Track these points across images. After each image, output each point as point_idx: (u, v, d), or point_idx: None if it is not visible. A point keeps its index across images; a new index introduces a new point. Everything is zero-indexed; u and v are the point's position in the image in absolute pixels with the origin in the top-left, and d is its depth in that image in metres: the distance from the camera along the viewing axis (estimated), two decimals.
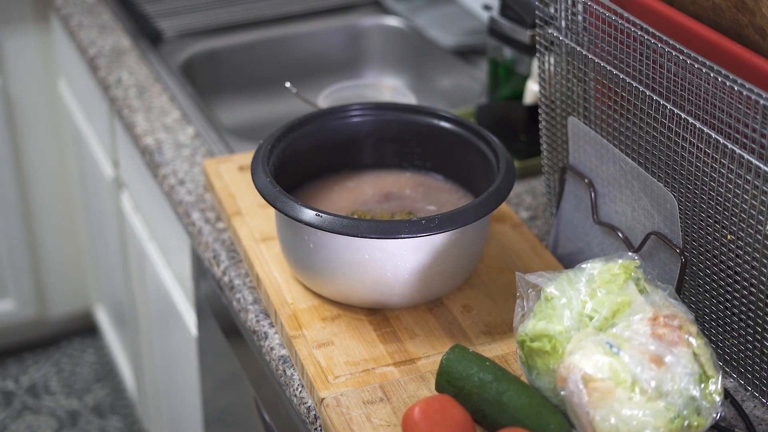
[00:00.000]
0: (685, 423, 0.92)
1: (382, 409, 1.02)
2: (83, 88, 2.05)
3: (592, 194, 1.18)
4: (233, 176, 1.36)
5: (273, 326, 1.17)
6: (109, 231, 2.11)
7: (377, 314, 1.14)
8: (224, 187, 1.34)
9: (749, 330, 1.04)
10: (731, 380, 1.09)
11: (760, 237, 0.98)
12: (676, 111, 1.03)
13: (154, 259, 1.78)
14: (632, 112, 1.09)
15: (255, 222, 1.27)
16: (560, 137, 1.24)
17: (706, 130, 1.00)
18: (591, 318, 0.96)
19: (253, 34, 1.91)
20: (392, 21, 1.93)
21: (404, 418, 0.96)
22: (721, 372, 0.95)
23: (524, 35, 1.43)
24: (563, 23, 1.16)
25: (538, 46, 1.21)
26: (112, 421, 2.44)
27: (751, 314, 1.03)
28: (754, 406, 1.06)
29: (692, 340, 0.94)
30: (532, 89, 1.40)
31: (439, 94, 1.83)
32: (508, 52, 1.47)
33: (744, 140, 0.96)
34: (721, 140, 0.98)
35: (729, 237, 1.02)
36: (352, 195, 1.25)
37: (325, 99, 1.43)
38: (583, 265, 1.00)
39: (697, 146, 1.01)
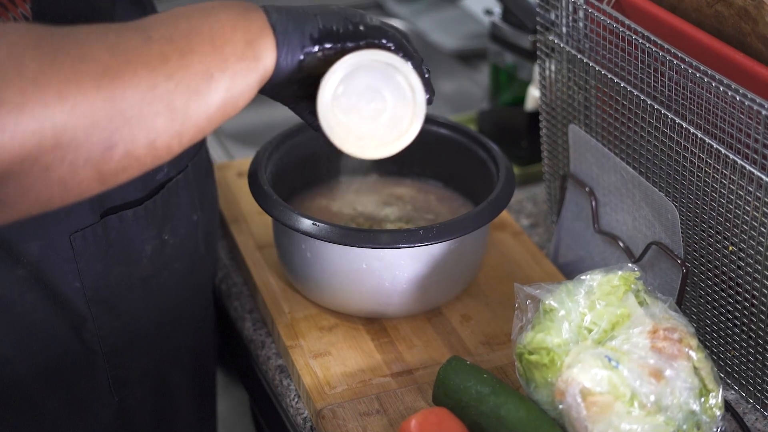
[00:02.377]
0: None
1: (379, 421, 1.01)
2: None
3: (593, 203, 1.16)
4: (232, 182, 1.35)
5: (270, 335, 1.16)
6: None
7: (375, 324, 1.13)
8: (223, 194, 1.33)
9: (751, 342, 1.03)
10: (732, 393, 1.07)
11: (761, 249, 0.97)
12: (677, 120, 1.02)
13: None
14: (633, 121, 1.08)
15: (253, 229, 1.27)
16: (561, 145, 1.22)
17: (707, 139, 0.98)
18: (590, 331, 0.95)
19: None
20: (394, 24, 1.92)
21: (401, 431, 0.95)
22: (721, 386, 0.94)
23: (526, 41, 1.41)
24: (564, 30, 1.15)
25: (538, 53, 1.20)
26: None
27: (752, 326, 1.02)
28: (756, 419, 1.05)
29: (692, 353, 0.93)
30: (533, 95, 1.39)
31: (441, 99, 1.82)
32: (509, 58, 1.45)
33: (746, 150, 0.95)
34: (723, 150, 0.97)
35: (731, 248, 1.01)
36: (352, 203, 1.24)
37: None
38: (583, 277, 0.98)
39: (699, 156, 1.00)
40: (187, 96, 0.78)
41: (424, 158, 1.26)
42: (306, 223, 1.05)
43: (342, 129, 0.90)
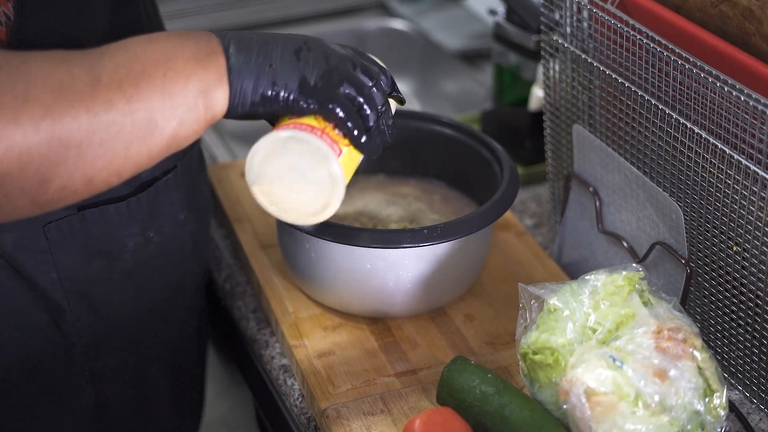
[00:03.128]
0: None
1: (383, 420, 1.01)
2: None
3: (597, 203, 1.16)
4: (236, 182, 1.35)
5: (274, 335, 1.16)
6: None
7: (379, 323, 1.13)
8: (227, 193, 1.33)
9: (755, 342, 1.03)
10: (737, 393, 1.07)
11: (766, 249, 0.96)
12: (681, 120, 1.02)
13: None
14: (637, 121, 1.08)
15: (257, 228, 1.27)
16: (565, 145, 1.22)
17: (712, 139, 0.98)
18: (594, 330, 0.95)
19: None
20: (397, 24, 1.92)
21: (405, 431, 0.95)
22: (725, 386, 0.94)
23: (529, 41, 1.41)
24: (568, 30, 1.15)
25: (542, 53, 1.20)
26: None
27: (756, 326, 1.02)
28: (760, 419, 1.05)
29: (697, 353, 0.93)
30: (537, 95, 1.39)
31: (445, 99, 1.82)
32: (513, 58, 1.45)
33: (750, 150, 0.95)
34: (727, 150, 0.97)
35: (735, 248, 1.01)
36: (356, 202, 1.24)
37: None
38: (587, 277, 0.98)
39: (703, 156, 1.00)
40: (129, 141, 0.80)
41: (428, 158, 1.26)
42: None
43: (265, 196, 0.94)
